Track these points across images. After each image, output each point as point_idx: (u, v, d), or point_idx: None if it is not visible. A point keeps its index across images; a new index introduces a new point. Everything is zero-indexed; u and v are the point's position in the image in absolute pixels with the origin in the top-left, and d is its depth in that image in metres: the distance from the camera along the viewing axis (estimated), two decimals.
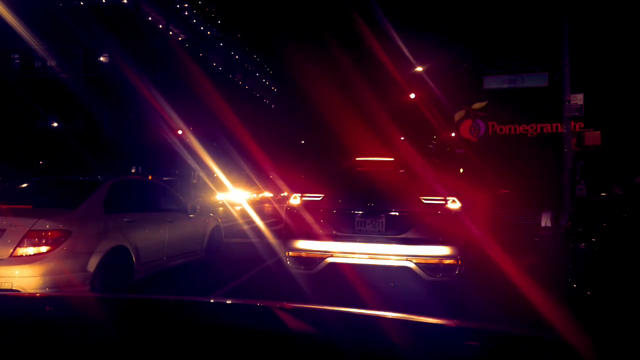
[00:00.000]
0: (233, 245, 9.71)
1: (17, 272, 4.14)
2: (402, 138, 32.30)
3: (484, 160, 18.13)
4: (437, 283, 5.08)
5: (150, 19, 44.46)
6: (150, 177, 16.42)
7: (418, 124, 28.43)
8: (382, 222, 5.12)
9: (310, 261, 5.22)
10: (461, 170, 20.07)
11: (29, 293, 3.78)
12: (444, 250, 4.95)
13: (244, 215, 18.92)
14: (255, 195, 36.27)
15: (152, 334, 1.26)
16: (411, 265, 4.91)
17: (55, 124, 35.19)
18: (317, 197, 5.42)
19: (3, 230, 4.25)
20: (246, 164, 36.54)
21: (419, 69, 21.29)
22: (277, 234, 7.66)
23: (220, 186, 30.51)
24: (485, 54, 19.86)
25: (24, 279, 4.15)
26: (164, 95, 29.04)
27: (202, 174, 31.89)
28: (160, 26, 46.35)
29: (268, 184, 39.45)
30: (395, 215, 5.16)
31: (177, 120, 28.89)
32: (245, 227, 13.96)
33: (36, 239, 4.26)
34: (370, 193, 5.30)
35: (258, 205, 29.75)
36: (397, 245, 4.98)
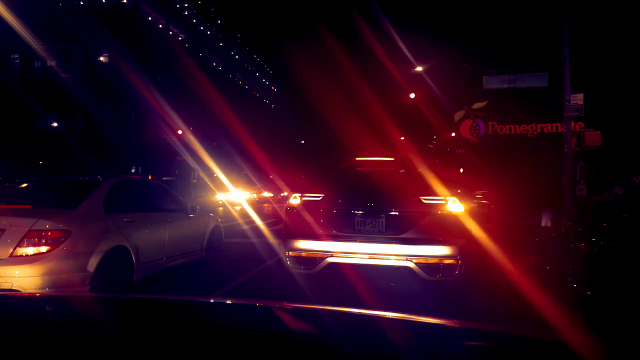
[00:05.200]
0: (233, 245, 9.71)
1: (17, 272, 4.14)
2: (402, 138, 32.30)
3: (484, 160, 18.11)
4: (437, 283, 5.07)
5: (150, 19, 44.42)
6: (150, 177, 16.41)
7: (418, 124, 28.43)
8: (382, 222, 5.11)
9: (311, 261, 5.22)
10: (461, 170, 20.05)
11: (29, 293, 3.78)
12: (444, 250, 4.94)
13: (244, 215, 18.92)
14: (255, 196, 36.30)
15: (152, 334, 1.26)
16: (411, 265, 4.90)
17: (55, 124, 35.12)
18: (317, 197, 5.42)
19: (3, 230, 4.25)
20: (246, 164, 36.51)
21: (419, 68, 21.27)
22: (277, 234, 7.66)
23: (220, 186, 30.53)
24: (485, 54, 19.84)
25: (24, 279, 4.14)
26: (164, 95, 29.00)
27: (202, 174, 31.90)
28: (160, 26, 46.32)
29: (268, 184, 39.46)
30: (396, 215, 5.16)
31: (177, 120, 28.86)
32: (245, 227, 13.96)
33: (36, 239, 4.26)
34: (370, 193, 5.30)
35: (258, 205, 29.76)
36: (397, 245, 4.98)
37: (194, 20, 53.30)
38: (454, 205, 5.16)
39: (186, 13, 51.79)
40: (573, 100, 11.74)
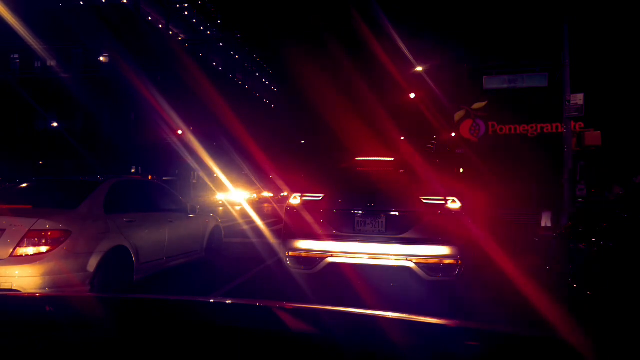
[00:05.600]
0: (233, 245, 9.71)
1: (17, 272, 4.14)
2: (402, 138, 32.34)
3: (484, 160, 18.11)
4: (437, 283, 5.08)
5: (150, 19, 44.42)
6: (150, 177, 16.42)
7: (418, 124, 28.44)
8: (382, 222, 5.12)
9: (311, 261, 5.22)
10: (461, 170, 20.05)
11: (29, 293, 3.78)
12: (444, 250, 4.95)
13: (244, 215, 18.93)
14: (255, 196, 36.32)
15: (152, 334, 1.25)
16: (411, 265, 4.91)
17: (55, 124, 35.13)
18: (317, 197, 5.42)
19: (3, 230, 4.25)
20: (246, 164, 36.52)
21: (419, 68, 21.27)
22: (277, 234, 7.66)
23: (220, 186, 30.55)
24: (485, 54, 19.84)
25: (24, 279, 4.14)
26: (164, 95, 29.01)
27: (202, 174, 31.92)
28: (160, 26, 46.31)
29: (268, 184, 39.47)
30: (395, 215, 5.16)
31: (177, 120, 28.87)
32: (245, 227, 13.97)
33: (36, 239, 4.26)
34: (370, 193, 5.30)
35: (258, 205, 29.76)
36: (397, 245, 4.98)
37: (194, 20, 53.30)
38: (454, 205, 5.17)
39: (186, 13, 51.80)
40: (573, 100, 11.73)
